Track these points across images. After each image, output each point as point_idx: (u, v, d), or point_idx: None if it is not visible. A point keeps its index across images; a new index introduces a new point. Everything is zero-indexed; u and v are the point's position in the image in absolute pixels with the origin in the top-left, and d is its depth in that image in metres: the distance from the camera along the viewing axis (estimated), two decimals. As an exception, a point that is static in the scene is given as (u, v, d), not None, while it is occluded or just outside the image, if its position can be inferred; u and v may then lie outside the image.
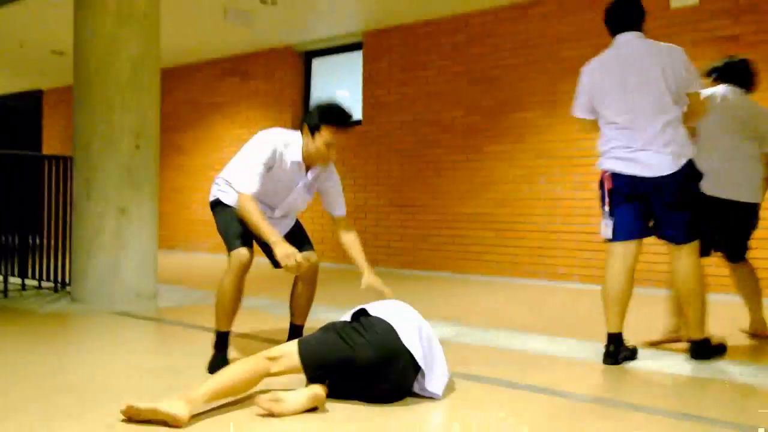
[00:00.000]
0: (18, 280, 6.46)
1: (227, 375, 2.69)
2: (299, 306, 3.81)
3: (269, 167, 3.38)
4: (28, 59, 10.96)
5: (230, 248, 3.46)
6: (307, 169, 3.51)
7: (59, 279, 6.26)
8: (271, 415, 2.59)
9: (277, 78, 9.85)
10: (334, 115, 3.33)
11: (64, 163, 6.24)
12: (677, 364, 3.63)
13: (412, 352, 2.77)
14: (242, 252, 3.42)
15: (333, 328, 2.85)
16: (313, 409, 2.68)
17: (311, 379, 2.78)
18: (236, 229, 3.45)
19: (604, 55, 3.71)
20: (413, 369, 2.80)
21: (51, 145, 13.32)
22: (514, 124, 7.57)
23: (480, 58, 7.84)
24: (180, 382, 3.21)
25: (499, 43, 7.69)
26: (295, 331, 3.87)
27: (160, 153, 5.94)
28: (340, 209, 3.80)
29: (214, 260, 9.64)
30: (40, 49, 10.26)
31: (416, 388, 2.87)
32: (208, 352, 3.87)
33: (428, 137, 8.26)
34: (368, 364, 2.70)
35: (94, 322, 4.85)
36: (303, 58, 9.72)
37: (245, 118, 10.18)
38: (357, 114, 9.08)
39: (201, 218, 10.88)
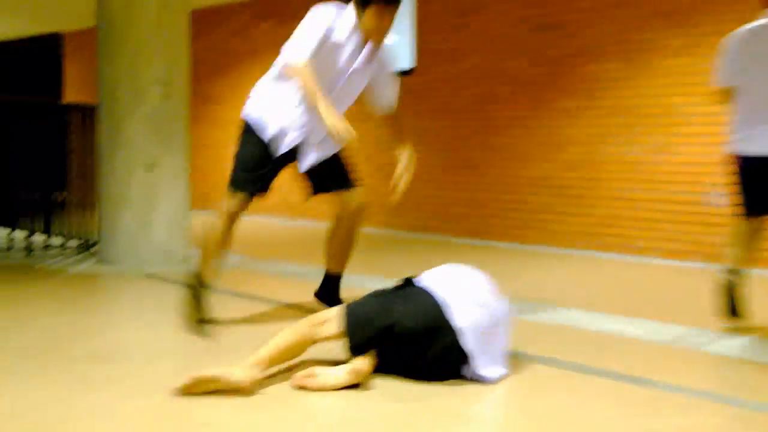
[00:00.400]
0: (42, 238, 6.64)
1: (280, 341, 2.82)
2: (337, 250, 3.77)
3: (324, 41, 3.42)
4: (48, -1, 11.12)
5: (236, 187, 3.61)
6: (364, 44, 3.56)
7: (85, 237, 6.41)
8: (305, 389, 2.71)
9: (319, 22, 9.85)
10: None
11: (88, 113, 6.35)
12: (771, 351, 3.58)
13: (458, 332, 2.82)
14: (244, 198, 3.58)
15: (377, 294, 2.96)
16: (354, 386, 2.76)
17: (354, 348, 2.85)
18: (253, 169, 3.57)
19: (755, 25, 3.91)
20: (457, 351, 2.84)
21: (73, 93, 13.56)
22: (586, 77, 7.45)
23: (547, 0, 7.70)
24: (212, 349, 3.28)
25: (572, -16, 7.55)
26: (329, 282, 3.88)
27: (191, 104, 6.00)
28: (388, 98, 3.77)
29: (251, 222, 9.75)
30: (61, -13, 10.40)
31: (466, 372, 2.90)
32: (241, 319, 3.95)
33: (488, 91, 8.18)
34: (408, 333, 2.79)
35: (123, 285, 4.97)
36: None
37: (284, 67, 10.21)
38: (407, 63, 9.01)
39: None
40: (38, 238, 6.70)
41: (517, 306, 4.49)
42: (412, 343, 2.81)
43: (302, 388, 2.72)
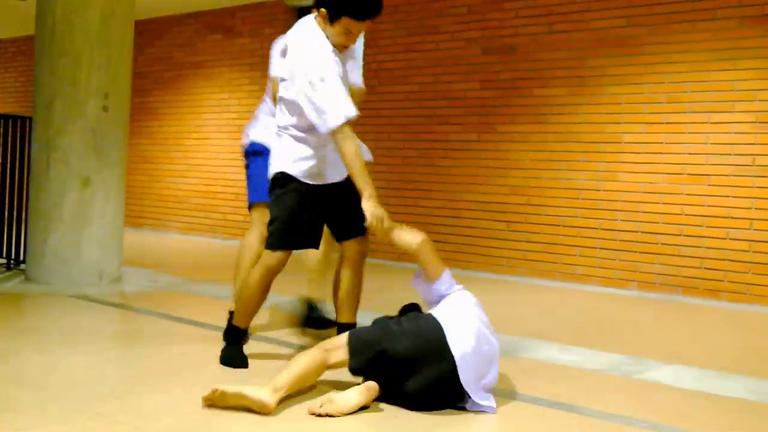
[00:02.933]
0: (-35, 255, 6.54)
1: (296, 368, 2.93)
2: (347, 300, 3.60)
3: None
4: (-17, 3, 10.97)
5: (279, 246, 3.39)
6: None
7: (13, 255, 6.33)
8: (327, 415, 2.79)
9: (266, 35, 9.87)
10: (359, 6, 3.25)
11: (21, 125, 6.29)
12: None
13: (457, 361, 2.91)
14: (284, 256, 3.41)
15: (386, 318, 3.14)
16: (363, 408, 2.90)
17: (354, 371, 3.02)
18: (298, 227, 3.40)
19: None
20: (453, 380, 2.93)
21: (6, 103, 13.35)
22: (534, 102, 7.62)
23: (498, 23, 7.88)
24: (148, 377, 3.29)
25: (520, 8, 7.74)
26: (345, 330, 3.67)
27: (131, 117, 5.99)
28: (356, 77, 3.65)
29: (186, 242, 9.72)
30: (-2, -9, 10.28)
31: (465, 403, 3.02)
32: (176, 344, 3.97)
33: (436, 112, 8.31)
34: (403, 355, 2.90)
35: (52, 306, 4.92)
36: (296, 14, 9.73)
37: (228, 80, 10.22)
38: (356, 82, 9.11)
39: (173, 193, 10.93)
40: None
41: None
42: (406, 366, 2.91)
43: (323, 414, 2.78)
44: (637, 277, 6.92)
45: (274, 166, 3.43)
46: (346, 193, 3.43)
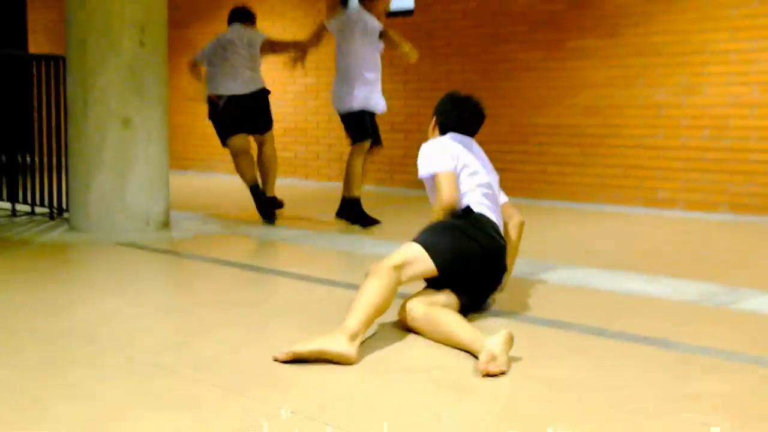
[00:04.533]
0: (7, 205, 6.66)
1: (368, 298, 2.99)
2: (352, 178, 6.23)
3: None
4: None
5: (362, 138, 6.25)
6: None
7: (55, 204, 6.43)
8: (493, 374, 2.69)
9: (309, -43, 9.75)
10: None
11: (55, 65, 6.33)
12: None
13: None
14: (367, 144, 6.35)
15: (446, 226, 3.37)
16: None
17: (445, 282, 3.29)
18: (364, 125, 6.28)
19: None
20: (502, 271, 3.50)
21: (38, 42, 13.48)
22: (606, 14, 7.39)
23: (564, -73, 7.62)
24: (204, 326, 3.32)
25: None
26: (347, 204, 6.21)
27: (169, 52, 5.97)
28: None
29: (233, 182, 9.76)
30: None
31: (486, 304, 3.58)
32: (230, 290, 4.01)
33: (498, 30, 8.13)
34: (499, 254, 3.41)
35: (99, 255, 5.00)
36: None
37: (271, 7, 10.13)
38: (407, 2, 8.93)
39: (219, 132, 10.96)
40: (2, 205, 6.73)
41: (528, 266, 4.53)
42: (497, 266, 3.42)
43: (494, 372, 2.69)
44: (728, 199, 6.75)
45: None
46: None
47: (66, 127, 5.97)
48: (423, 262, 3.20)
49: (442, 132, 3.78)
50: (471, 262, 3.31)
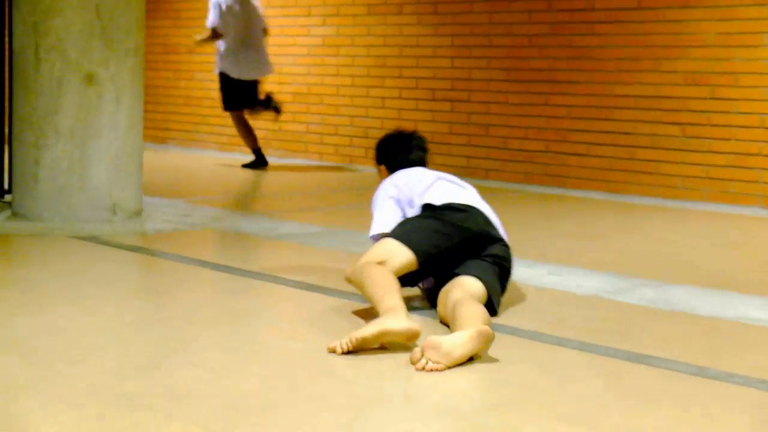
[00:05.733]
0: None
1: (384, 278, 3.60)
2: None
3: None
4: None
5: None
6: None
7: (-6, 183, 6.46)
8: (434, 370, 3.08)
9: None
10: None
11: None
12: None
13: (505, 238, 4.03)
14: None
15: (419, 218, 3.97)
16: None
17: (425, 273, 3.94)
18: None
19: None
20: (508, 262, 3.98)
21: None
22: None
23: None
24: (180, 344, 3.31)
25: None
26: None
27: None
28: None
29: (226, 161, 9.79)
30: None
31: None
32: (216, 300, 4.02)
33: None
34: (479, 231, 3.91)
35: (49, 250, 5.00)
36: None
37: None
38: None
39: (208, 95, 10.99)
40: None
41: (610, 281, 4.48)
42: (483, 243, 3.91)
43: (432, 368, 3.09)
44: None
45: None
46: None
47: (11, 84, 5.99)
48: (403, 255, 3.76)
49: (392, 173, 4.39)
50: (450, 242, 3.87)
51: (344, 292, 4.11)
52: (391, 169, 4.41)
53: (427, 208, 4.00)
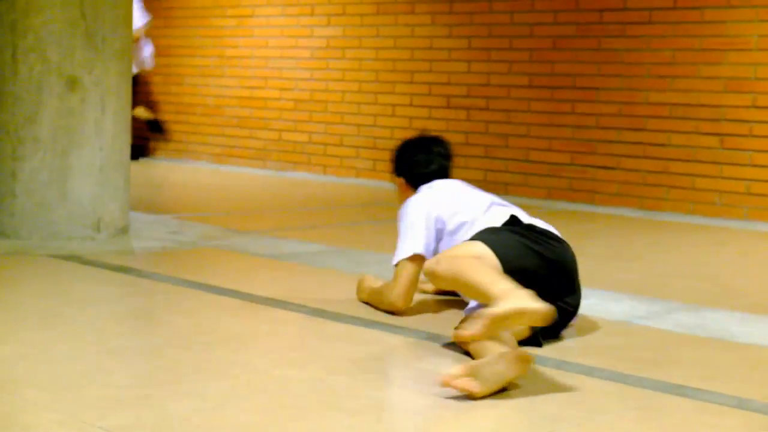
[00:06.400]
0: None
1: (490, 268, 3.49)
2: None
3: None
4: None
5: None
6: None
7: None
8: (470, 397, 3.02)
9: None
10: None
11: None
12: None
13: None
14: None
15: (513, 233, 3.86)
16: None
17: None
18: None
19: None
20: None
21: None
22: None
23: None
24: (170, 375, 3.30)
25: None
26: None
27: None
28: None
29: (221, 174, 9.80)
30: None
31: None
32: (213, 325, 4.00)
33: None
34: (571, 271, 3.88)
35: (26, 270, 5.00)
36: None
37: None
38: None
39: (201, 101, 11.01)
40: None
41: (646, 306, 4.47)
42: (555, 286, 3.79)
43: (467, 392, 3.03)
44: None
45: None
46: None
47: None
48: (491, 260, 3.60)
49: (414, 186, 4.37)
50: (534, 270, 3.75)
51: (350, 317, 4.10)
52: (413, 182, 4.35)
53: (513, 223, 3.93)
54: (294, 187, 9.15)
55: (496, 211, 4.03)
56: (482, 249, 3.66)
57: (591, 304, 4.45)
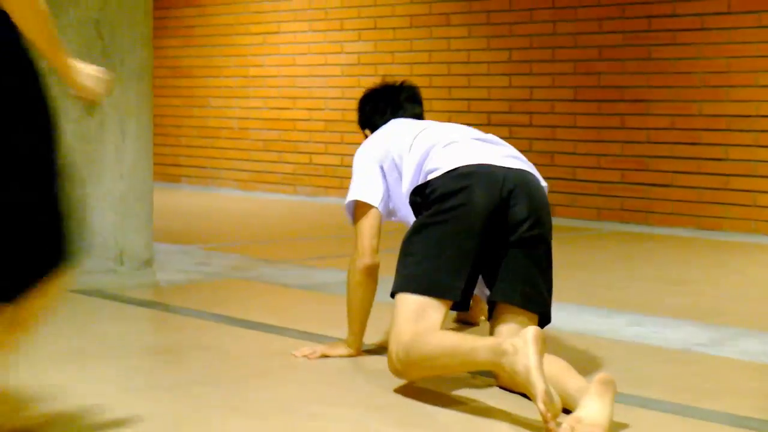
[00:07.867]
0: None
1: (453, 335, 3.57)
2: None
3: None
4: None
5: None
6: None
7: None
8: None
9: None
10: None
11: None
12: None
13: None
14: None
15: (420, 239, 3.92)
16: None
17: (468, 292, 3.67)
18: None
19: None
20: None
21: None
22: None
23: None
24: (201, 413, 3.31)
25: None
26: None
27: (154, 4, 6.04)
28: None
29: (248, 201, 9.82)
30: None
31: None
32: (245, 360, 3.99)
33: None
34: (494, 207, 3.59)
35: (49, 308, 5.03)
36: None
37: None
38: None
39: (225, 124, 11.06)
40: None
41: (703, 333, 4.44)
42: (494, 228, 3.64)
43: None
44: None
45: None
46: None
47: (0, 114, 6.07)
48: (432, 309, 3.56)
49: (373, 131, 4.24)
50: (472, 243, 3.61)
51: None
52: (372, 127, 4.28)
53: (416, 199, 3.92)
54: (326, 214, 9.16)
55: (418, 148, 3.87)
56: (415, 304, 3.62)
57: (646, 331, 4.45)
